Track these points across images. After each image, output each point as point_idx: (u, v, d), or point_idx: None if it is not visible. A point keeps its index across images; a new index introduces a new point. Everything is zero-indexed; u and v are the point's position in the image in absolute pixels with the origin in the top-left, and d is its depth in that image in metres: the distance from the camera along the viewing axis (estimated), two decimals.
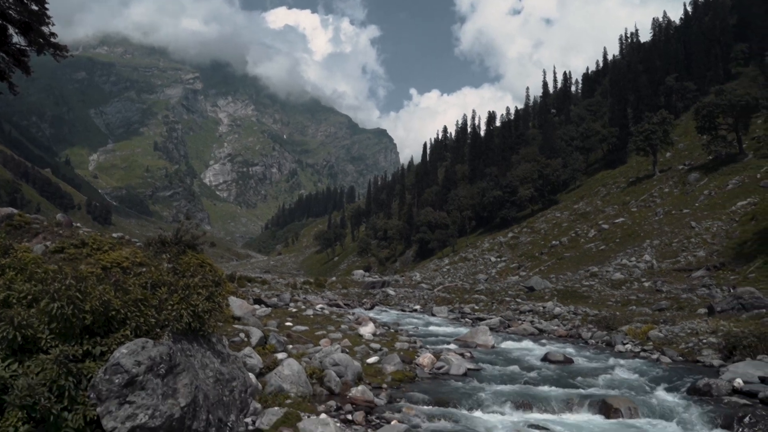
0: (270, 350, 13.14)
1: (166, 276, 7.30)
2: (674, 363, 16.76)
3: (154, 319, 6.73)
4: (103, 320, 6.32)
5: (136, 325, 6.53)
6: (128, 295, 6.60)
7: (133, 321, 6.51)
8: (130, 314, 6.52)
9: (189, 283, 7.29)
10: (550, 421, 10.50)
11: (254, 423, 8.80)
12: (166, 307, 6.92)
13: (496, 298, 39.57)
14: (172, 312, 6.91)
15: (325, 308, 25.97)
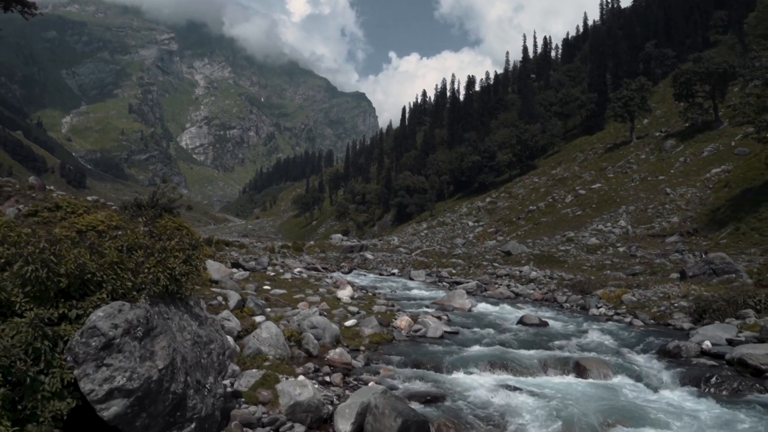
0: (248, 313, 13.16)
1: (143, 239, 7.23)
2: (646, 326, 17.13)
3: (131, 282, 6.69)
4: (78, 283, 6.27)
5: (113, 289, 6.48)
6: (104, 258, 6.53)
7: (110, 284, 6.46)
8: (106, 277, 6.46)
9: (166, 246, 7.24)
10: (524, 383, 10.71)
11: (233, 385, 8.85)
12: (143, 270, 6.87)
13: (473, 263, 39.91)
14: (149, 275, 6.86)
15: (303, 272, 26.00)
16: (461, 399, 9.37)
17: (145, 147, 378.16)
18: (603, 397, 9.94)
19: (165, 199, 18.37)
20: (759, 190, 40.40)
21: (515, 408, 9.01)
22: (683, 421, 8.81)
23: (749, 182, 43.14)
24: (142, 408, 5.98)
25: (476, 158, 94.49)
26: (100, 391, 5.67)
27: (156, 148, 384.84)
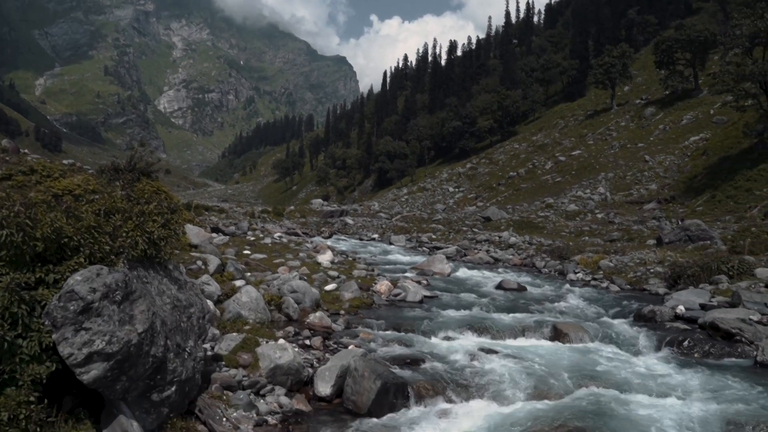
0: (228, 278, 13.15)
1: (120, 203, 7.14)
2: (622, 291, 17.41)
3: (109, 246, 6.61)
4: (55, 248, 6.19)
5: (90, 253, 6.41)
6: (81, 222, 6.44)
7: (87, 248, 6.39)
8: (84, 241, 6.38)
9: (144, 210, 7.16)
10: (502, 346, 10.87)
11: (213, 348, 8.88)
12: (121, 234, 6.80)
13: (453, 228, 40.13)
14: (127, 239, 6.79)
15: (283, 237, 25.97)
16: (440, 362, 9.50)
17: (122, 110, 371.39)
18: (579, 359, 10.14)
19: (143, 163, 18.14)
20: (735, 159, 40.86)
21: (493, 370, 9.15)
22: (656, 382, 9.02)
23: (726, 150, 43.59)
24: (122, 371, 5.97)
25: (457, 124, 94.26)
26: (80, 355, 5.65)
27: (133, 112, 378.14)
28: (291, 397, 8.08)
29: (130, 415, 6.24)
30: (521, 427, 7.27)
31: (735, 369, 9.73)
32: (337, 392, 8.38)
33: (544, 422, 7.30)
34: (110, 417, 6.19)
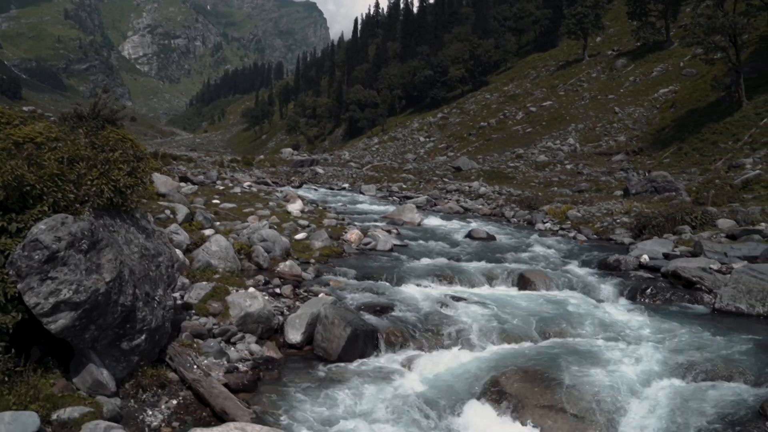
0: (197, 227, 13.04)
1: (84, 151, 6.95)
2: (589, 241, 17.73)
3: (73, 194, 6.47)
4: (17, 196, 6.03)
5: (54, 201, 6.27)
6: (43, 170, 6.28)
7: (51, 197, 6.24)
8: (47, 190, 6.23)
9: (109, 158, 6.99)
10: (470, 293, 11.04)
11: (183, 297, 8.85)
12: (86, 182, 6.65)
13: (423, 178, 40.21)
14: (92, 187, 6.65)
15: (253, 186, 25.77)
16: (409, 309, 9.62)
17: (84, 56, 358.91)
18: (545, 307, 10.35)
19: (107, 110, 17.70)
20: (703, 112, 41.32)
21: (461, 317, 9.31)
22: (619, 328, 9.28)
23: (694, 103, 44.01)
24: (91, 320, 5.94)
25: (429, 73, 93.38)
26: (46, 305, 5.60)
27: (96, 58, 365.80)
28: (261, 344, 8.14)
29: (100, 364, 6.24)
30: (488, 372, 7.44)
31: (694, 315, 10.06)
32: (307, 339, 8.45)
33: (511, 366, 7.48)
34: (80, 366, 6.18)
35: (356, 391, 7.01)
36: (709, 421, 6.16)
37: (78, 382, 6.13)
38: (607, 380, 7.06)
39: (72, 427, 5.57)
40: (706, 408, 6.43)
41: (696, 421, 6.18)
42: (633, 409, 6.55)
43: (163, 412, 6.34)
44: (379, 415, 6.48)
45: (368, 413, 6.50)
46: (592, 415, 6.44)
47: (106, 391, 6.19)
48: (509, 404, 6.75)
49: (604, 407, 6.52)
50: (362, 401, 6.75)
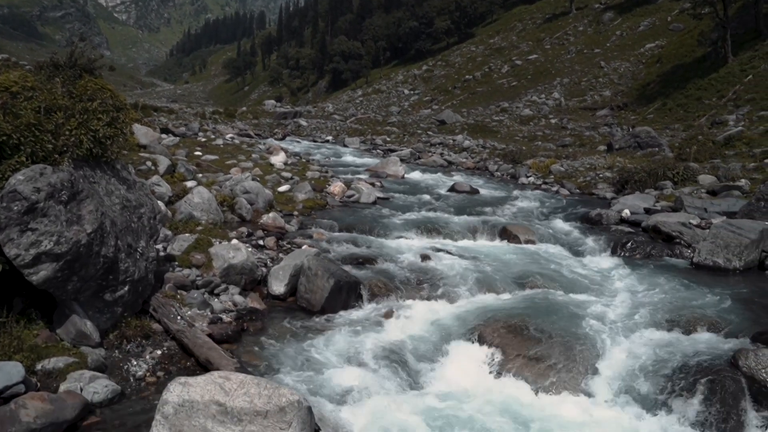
0: (179, 179, 12.92)
1: (62, 100, 6.78)
2: (572, 195, 17.83)
3: (51, 144, 6.34)
4: None
5: (32, 151, 6.14)
6: (20, 120, 6.12)
7: (28, 147, 6.11)
8: (24, 140, 6.09)
9: (87, 108, 6.84)
10: (453, 246, 11.13)
11: (165, 249, 8.81)
12: (64, 132, 6.51)
13: (407, 131, 39.98)
14: (71, 138, 6.52)
15: (235, 138, 25.47)
16: (392, 261, 9.68)
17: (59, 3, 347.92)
18: (527, 259, 10.47)
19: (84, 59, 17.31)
20: (688, 67, 41.22)
21: (443, 269, 9.39)
22: (599, 280, 9.43)
23: (680, 58, 43.86)
24: (73, 272, 5.91)
25: (413, 24, 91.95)
26: (27, 256, 5.55)
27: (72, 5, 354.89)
28: (245, 296, 8.16)
29: (84, 315, 6.23)
30: (470, 323, 7.55)
31: (673, 269, 10.21)
32: (290, 291, 8.49)
33: (492, 317, 7.59)
34: (63, 317, 6.17)
35: (339, 340, 7.09)
36: (685, 370, 6.32)
37: (62, 333, 6.13)
38: (587, 331, 7.20)
39: (57, 376, 5.59)
40: (682, 358, 6.58)
41: (672, 371, 6.34)
42: (611, 358, 6.70)
43: (148, 362, 6.38)
44: (363, 363, 6.57)
45: (352, 362, 6.59)
46: (572, 364, 6.58)
47: (91, 342, 6.20)
48: (490, 354, 6.88)
49: (584, 357, 6.66)
50: (345, 350, 6.83)
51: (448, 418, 5.76)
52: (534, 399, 6.24)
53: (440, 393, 6.24)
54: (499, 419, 5.77)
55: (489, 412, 5.88)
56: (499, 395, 6.25)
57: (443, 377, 6.60)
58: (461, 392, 6.29)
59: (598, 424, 5.83)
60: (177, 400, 4.28)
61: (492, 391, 6.35)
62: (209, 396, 4.30)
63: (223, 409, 4.27)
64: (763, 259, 10.40)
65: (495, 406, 6.01)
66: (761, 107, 29.29)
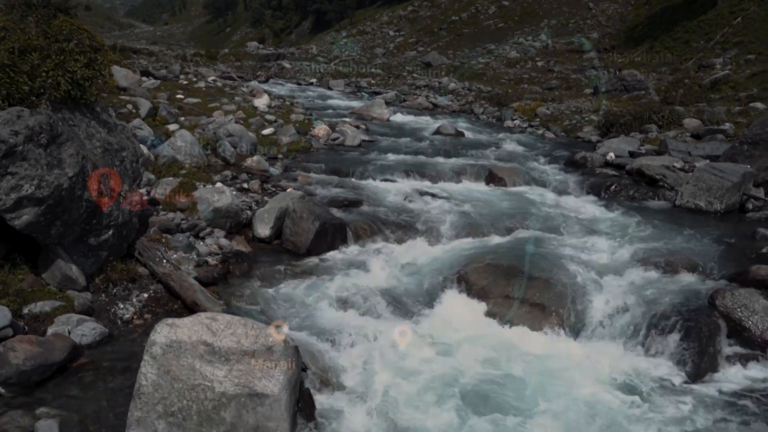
0: (161, 122, 12.75)
1: (36, 40, 6.58)
2: (557, 138, 17.84)
3: (28, 86, 6.18)
4: None
5: (8, 93, 5.99)
6: None
7: (3, 89, 5.96)
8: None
9: (64, 48, 6.64)
10: (439, 189, 11.15)
11: (149, 193, 8.76)
12: (40, 74, 6.34)
13: (392, 73, 39.50)
14: (48, 79, 6.36)
15: (217, 81, 25.04)
16: (378, 204, 9.70)
17: None
18: (512, 202, 10.53)
19: None
20: (677, 9, 40.68)
21: (429, 212, 9.44)
22: (583, 222, 9.52)
23: (669, 0, 43.27)
24: (56, 216, 5.86)
25: None
26: (8, 201, 5.48)
27: None
28: (231, 239, 8.16)
29: (69, 259, 6.22)
30: (455, 264, 7.62)
31: (656, 211, 10.34)
32: (276, 234, 8.50)
33: (478, 259, 7.67)
34: (48, 262, 6.15)
35: (325, 282, 7.15)
36: (664, 310, 6.47)
37: (47, 277, 6.12)
38: (570, 272, 7.31)
39: (44, 320, 5.61)
40: (661, 298, 6.73)
41: (652, 310, 6.48)
42: (593, 298, 6.82)
43: (135, 305, 6.41)
44: (349, 304, 6.65)
45: (338, 303, 6.67)
46: (554, 304, 6.71)
47: (77, 286, 6.20)
48: (474, 295, 6.98)
49: (566, 297, 6.78)
50: (331, 291, 6.90)
51: (436, 356, 5.89)
52: (517, 337, 6.36)
53: (427, 332, 6.35)
54: (484, 356, 5.91)
55: (474, 350, 6.02)
56: (484, 334, 6.38)
57: (430, 317, 6.70)
58: (448, 332, 6.40)
59: (579, 360, 5.98)
60: (165, 341, 4.31)
61: (477, 330, 6.47)
62: (197, 336, 4.34)
63: (211, 349, 4.32)
64: (744, 201, 10.55)
65: (480, 344, 6.14)
66: (749, 50, 29.11)
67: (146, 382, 4.27)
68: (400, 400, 5.21)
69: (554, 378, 5.63)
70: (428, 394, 5.31)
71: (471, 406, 5.17)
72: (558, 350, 6.16)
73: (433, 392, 5.33)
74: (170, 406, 4.25)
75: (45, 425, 4.44)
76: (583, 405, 5.25)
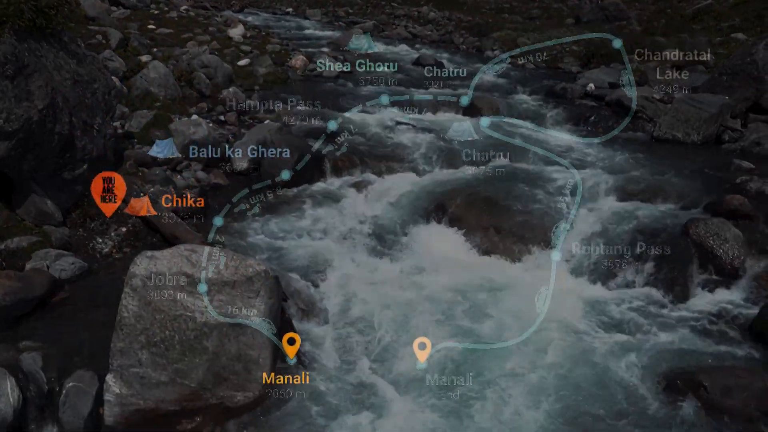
0: (133, 53, 12.37)
1: None
2: (537, 69, 17.67)
3: None
4: None
5: None
6: None
7: None
8: None
9: None
10: (418, 119, 11.09)
11: (124, 127, 8.60)
12: (1, 1, 6.09)
13: (370, 2, 38.56)
14: (9, 7, 6.09)
15: (190, 10, 24.19)
16: (356, 135, 9.60)
17: None
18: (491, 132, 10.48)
19: None
20: None
21: (407, 143, 9.42)
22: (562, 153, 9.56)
23: None
24: (27, 150, 5.76)
25: None
26: None
27: None
28: (208, 172, 8.10)
29: (43, 194, 6.16)
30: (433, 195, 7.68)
31: (634, 143, 10.42)
32: (254, 166, 8.43)
33: (456, 190, 7.73)
34: (22, 197, 6.08)
35: (304, 213, 7.19)
36: (640, 238, 6.61)
37: (22, 213, 6.06)
38: (547, 202, 7.38)
39: (22, 255, 5.59)
40: (637, 227, 6.86)
41: (627, 239, 6.62)
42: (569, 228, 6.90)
43: (113, 239, 6.40)
44: (327, 234, 6.70)
45: (316, 234, 6.72)
46: (531, 233, 6.81)
47: (53, 221, 6.16)
48: (452, 225, 7.07)
49: (543, 227, 6.88)
50: (310, 223, 6.94)
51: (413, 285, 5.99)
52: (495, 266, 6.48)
53: (405, 262, 6.45)
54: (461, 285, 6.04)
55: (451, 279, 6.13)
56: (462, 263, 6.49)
57: (408, 247, 6.79)
58: (426, 261, 6.50)
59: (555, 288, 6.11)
60: (144, 273, 4.32)
61: (454, 259, 6.57)
62: (176, 268, 4.36)
63: (191, 281, 4.35)
64: (721, 133, 10.62)
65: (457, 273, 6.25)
66: None
67: (128, 313, 4.31)
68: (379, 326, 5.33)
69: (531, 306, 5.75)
70: (405, 321, 5.44)
71: (447, 333, 5.32)
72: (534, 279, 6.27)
73: (410, 319, 5.45)
74: (153, 337, 4.31)
75: (29, 358, 4.48)
76: (557, 332, 5.41)
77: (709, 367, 5.10)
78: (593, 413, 4.66)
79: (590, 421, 4.61)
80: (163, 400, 4.39)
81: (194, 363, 4.37)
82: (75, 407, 4.33)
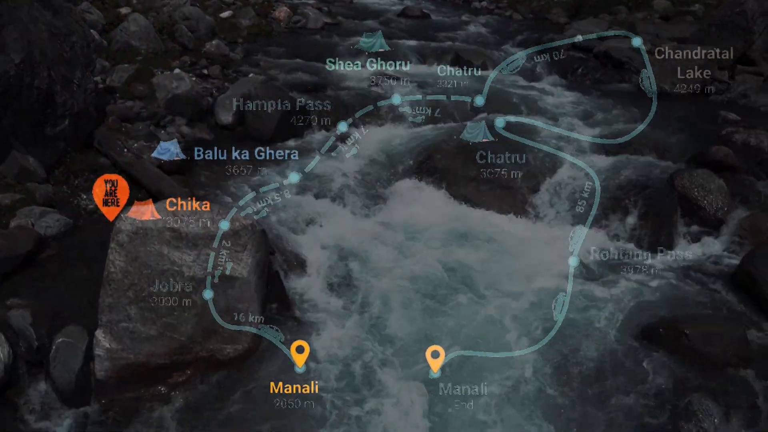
0: (111, 4, 12.05)
1: None
2: (525, 20, 17.42)
3: None
4: None
5: None
6: None
7: None
8: None
9: None
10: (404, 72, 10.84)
11: (105, 81, 8.43)
12: None
13: None
14: None
15: None
16: (342, 89, 9.54)
17: None
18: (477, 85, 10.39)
19: None
20: None
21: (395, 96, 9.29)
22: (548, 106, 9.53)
23: None
24: (5, 105, 5.72)
25: None
26: None
27: None
28: (192, 126, 7.98)
29: (25, 151, 6.10)
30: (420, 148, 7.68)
31: (621, 94, 10.38)
32: (239, 120, 8.33)
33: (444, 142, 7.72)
34: (3, 154, 6.01)
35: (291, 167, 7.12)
36: (626, 190, 6.66)
37: (3, 170, 5.99)
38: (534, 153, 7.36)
39: (6, 213, 5.54)
40: (623, 179, 6.90)
41: (613, 191, 6.66)
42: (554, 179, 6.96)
43: None
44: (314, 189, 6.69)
45: (304, 189, 6.70)
46: (516, 184, 6.85)
47: (36, 178, 6.10)
48: (440, 177, 7.08)
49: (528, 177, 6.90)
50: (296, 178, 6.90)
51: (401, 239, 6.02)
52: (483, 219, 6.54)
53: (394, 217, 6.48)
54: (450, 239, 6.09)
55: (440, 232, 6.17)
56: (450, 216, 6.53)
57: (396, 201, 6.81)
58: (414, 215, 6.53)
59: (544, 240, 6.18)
60: (131, 228, 4.32)
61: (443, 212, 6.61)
62: (162, 223, 4.35)
63: (178, 235, 4.35)
64: (708, 84, 10.58)
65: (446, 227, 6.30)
66: None
67: (115, 269, 4.32)
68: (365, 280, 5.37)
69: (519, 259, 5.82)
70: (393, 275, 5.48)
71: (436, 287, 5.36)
72: (523, 231, 6.34)
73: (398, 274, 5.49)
74: (141, 292, 4.34)
75: (18, 315, 4.50)
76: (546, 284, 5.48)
77: (691, 315, 5.20)
78: (573, 361, 4.76)
79: (570, 369, 4.71)
80: (153, 353, 4.43)
81: (183, 317, 4.42)
82: (65, 362, 4.36)
